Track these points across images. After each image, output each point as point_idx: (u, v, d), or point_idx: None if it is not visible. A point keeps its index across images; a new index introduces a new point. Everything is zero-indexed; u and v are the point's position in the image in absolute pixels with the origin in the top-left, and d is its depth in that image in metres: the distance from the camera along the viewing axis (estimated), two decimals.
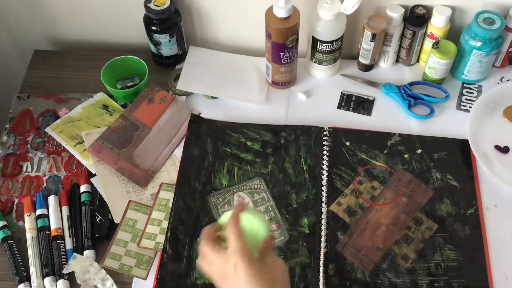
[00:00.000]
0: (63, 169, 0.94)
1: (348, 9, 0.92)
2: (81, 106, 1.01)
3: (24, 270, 0.83)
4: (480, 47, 0.95)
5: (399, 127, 0.97)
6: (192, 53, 1.08)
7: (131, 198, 0.90)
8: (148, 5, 0.98)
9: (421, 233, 0.84)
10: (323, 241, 0.84)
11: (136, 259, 0.84)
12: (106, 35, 1.13)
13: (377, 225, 0.85)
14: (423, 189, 0.89)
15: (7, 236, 0.86)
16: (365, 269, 0.81)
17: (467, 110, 0.99)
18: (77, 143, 0.96)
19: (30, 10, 1.09)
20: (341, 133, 0.95)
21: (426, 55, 1.03)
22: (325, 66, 1.02)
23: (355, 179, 0.90)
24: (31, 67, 1.10)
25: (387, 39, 1.01)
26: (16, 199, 0.91)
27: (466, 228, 0.85)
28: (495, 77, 1.04)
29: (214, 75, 1.05)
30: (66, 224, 0.87)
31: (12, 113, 1.02)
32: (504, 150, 0.94)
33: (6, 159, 0.96)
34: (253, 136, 0.96)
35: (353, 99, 1.02)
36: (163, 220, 0.87)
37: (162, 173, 0.93)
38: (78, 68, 1.09)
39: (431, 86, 1.02)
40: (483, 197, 0.88)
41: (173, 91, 1.03)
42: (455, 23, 1.00)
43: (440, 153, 0.93)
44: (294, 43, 0.95)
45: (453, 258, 0.82)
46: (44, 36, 1.15)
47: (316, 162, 0.92)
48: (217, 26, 1.08)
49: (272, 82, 1.03)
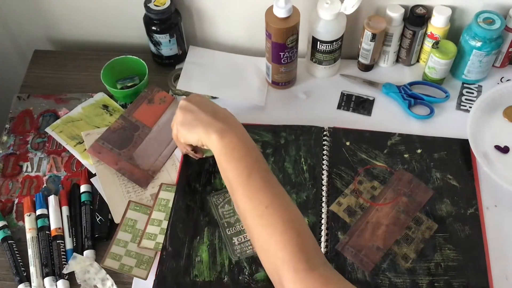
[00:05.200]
0: (63, 169, 0.94)
1: (348, 9, 0.92)
2: (81, 106, 1.02)
3: (24, 270, 0.83)
4: (480, 47, 0.95)
5: (399, 127, 0.97)
6: (192, 53, 1.08)
7: (131, 198, 0.90)
8: (148, 5, 0.98)
9: (421, 233, 0.85)
10: (323, 241, 0.84)
11: (136, 259, 0.84)
12: (106, 35, 1.13)
13: (377, 225, 0.85)
14: (423, 189, 0.89)
15: (7, 236, 0.86)
16: (365, 269, 0.81)
17: (467, 110, 0.99)
18: (77, 143, 0.96)
19: (30, 10, 1.09)
20: (341, 133, 0.95)
21: (426, 55, 1.03)
22: (325, 66, 1.02)
23: (355, 179, 0.90)
24: (31, 67, 1.10)
25: (387, 39, 1.01)
26: (16, 199, 0.91)
27: (466, 228, 0.85)
28: (495, 77, 1.04)
29: (214, 75, 1.05)
30: (66, 224, 0.87)
31: (12, 113, 1.02)
32: (504, 150, 0.94)
33: (6, 159, 0.96)
34: (253, 137, 0.95)
35: (353, 99, 1.02)
36: (163, 220, 0.87)
37: (162, 173, 0.93)
38: (78, 68, 1.09)
39: (431, 86, 1.02)
40: (483, 197, 0.88)
41: (173, 91, 1.03)
42: (455, 23, 1.00)
43: (440, 153, 0.93)
44: (294, 43, 0.95)
45: (453, 258, 0.82)
46: (44, 36, 1.15)
47: (316, 162, 0.92)
48: (217, 26, 1.08)
49: (272, 82, 1.03)
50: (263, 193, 0.70)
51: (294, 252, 0.64)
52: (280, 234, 0.66)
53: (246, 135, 0.77)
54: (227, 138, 0.75)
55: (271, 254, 0.66)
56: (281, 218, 0.68)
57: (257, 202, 0.70)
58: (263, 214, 0.69)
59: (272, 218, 0.68)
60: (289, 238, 0.66)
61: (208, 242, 0.84)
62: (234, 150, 0.74)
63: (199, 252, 0.83)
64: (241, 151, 0.74)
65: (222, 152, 0.75)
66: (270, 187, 0.71)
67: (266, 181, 0.72)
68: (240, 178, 0.72)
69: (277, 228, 0.67)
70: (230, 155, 0.74)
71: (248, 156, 0.74)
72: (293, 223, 0.68)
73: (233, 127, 0.77)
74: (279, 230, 0.67)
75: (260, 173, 0.72)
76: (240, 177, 0.72)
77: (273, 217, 0.68)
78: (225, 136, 0.75)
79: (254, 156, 0.74)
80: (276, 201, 0.69)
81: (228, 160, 0.74)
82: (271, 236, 0.67)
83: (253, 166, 0.73)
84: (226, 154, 0.75)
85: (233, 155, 0.74)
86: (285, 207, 0.69)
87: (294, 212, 0.70)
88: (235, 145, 0.75)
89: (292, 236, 0.66)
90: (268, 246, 0.67)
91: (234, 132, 0.76)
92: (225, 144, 0.75)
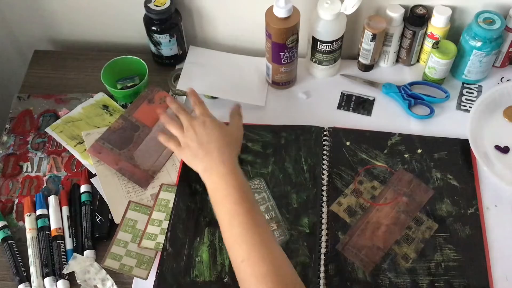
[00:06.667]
0: (63, 169, 0.94)
1: (348, 9, 0.92)
2: (81, 106, 1.01)
3: (24, 270, 0.83)
4: (480, 47, 0.95)
5: (399, 127, 0.97)
6: (192, 53, 1.08)
7: (131, 198, 0.90)
8: (148, 5, 0.98)
9: (421, 233, 0.85)
10: (323, 240, 0.84)
11: (136, 259, 0.83)
12: (106, 35, 1.13)
13: (377, 225, 0.85)
14: (423, 189, 0.89)
15: (7, 236, 0.86)
16: (366, 269, 0.81)
17: (467, 110, 0.99)
18: (77, 143, 0.96)
19: (30, 10, 1.09)
20: (341, 133, 0.95)
21: (426, 55, 1.03)
22: (325, 66, 1.02)
23: (355, 179, 0.90)
24: (31, 67, 1.10)
25: (387, 39, 1.01)
26: (16, 199, 0.91)
27: (466, 228, 0.85)
28: (495, 77, 1.04)
29: (214, 75, 1.05)
30: (66, 224, 0.87)
31: (12, 113, 1.02)
32: (504, 150, 0.94)
33: (6, 159, 0.96)
34: (253, 137, 0.96)
35: (353, 99, 1.02)
36: (164, 220, 0.87)
37: (162, 173, 0.93)
38: (78, 68, 1.09)
39: (431, 86, 1.02)
40: (483, 197, 0.88)
41: (173, 91, 1.03)
42: (455, 23, 1.00)
43: (440, 153, 0.93)
44: (294, 43, 0.95)
45: (454, 257, 0.82)
46: (44, 36, 1.15)
47: (317, 162, 0.92)
48: (217, 26, 1.08)
49: (272, 82, 1.03)
50: (240, 245, 0.68)
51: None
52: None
53: (232, 172, 0.75)
54: (210, 178, 0.75)
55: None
56: (255, 273, 0.66)
57: (234, 254, 0.69)
58: (239, 268, 0.68)
59: (245, 274, 0.67)
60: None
61: (208, 243, 0.84)
62: (216, 192, 0.74)
63: (200, 252, 0.83)
64: (223, 191, 0.73)
65: (208, 192, 0.75)
66: (248, 235, 0.69)
67: (246, 228, 0.69)
68: (222, 224, 0.72)
69: (251, 284, 0.66)
70: (213, 197, 0.74)
71: (229, 198, 0.72)
72: (268, 277, 0.65)
73: (218, 164, 0.75)
74: (253, 285, 0.66)
75: (240, 218, 0.70)
76: (222, 222, 0.72)
77: (246, 272, 0.67)
78: (208, 176, 0.75)
79: (236, 197, 0.72)
80: (252, 254, 0.67)
81: (212, 201, 0.75)
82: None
83: (234, 210, 0.71)
84: (210, 196, 0.75)
85: (215, 198, 0.74)
86: (262, 260, 0.66)
87: (270, 264, 0.67)
88: (216, 185, 0.74)
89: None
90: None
91: (216, 171, 0.75)
92: (208, 184, 0.75)
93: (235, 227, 0.70)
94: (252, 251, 0.67)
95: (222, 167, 0.75)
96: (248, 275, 0.66)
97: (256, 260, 0.67)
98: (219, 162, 0.76)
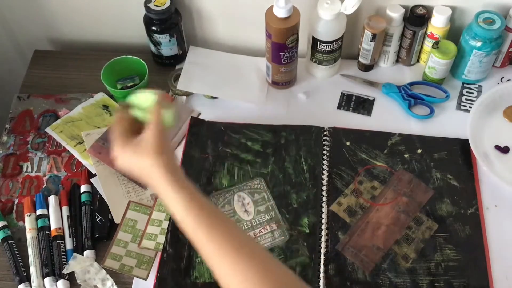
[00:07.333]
0: (63, 169, 0.94)
1: (348, 9, 0.92)
2: (81, 106, 1.01)
3: (24, 270, 0.83)
4: (480, 47, 0.95)
5: (399, 127, 0.97)
6: (192, 53, 1.08)
7: (131, 198, 0.90)
8: (148, 5, 0.98)
9: (421, 233, 0.85)
10: (323, 241, 0.84)
11: (136, 259, 0.83)
12: (106, 35, 1.13)
13: (377, 225, 0.85)
14: (423, 189, 0.89)
15: (7, 236, 0.86)
16: (366, 269, 0.81)
17: (467, 110, 0.99)
18: (77, 143, 0.96)
19: (30, 10, 1.09)
20: (341, 133, 0.95)
21: (426, 55, 1.03)
22: (325, 66, 1.02)
23: (355, 179, 0.90)
24: (31, 67, 1.10)
25: (387, 39, 1.01)
26: (16, 199, 0.91)
27: (466, 228, 0.85)
28: (495, 77, 1.04)
29: (214, 75, 1.05)
30: (66, 224, 0.87)
31: (12, 113, 1.02)
32: (504, 150, 0.94)
33: (6, 159, 0.96)
34: (253, 136, 0.96)
35: (353, 99, 1.02)
36: (164, 220, 0.87)
37: None
38: (78, 68, 1.09)
39: (431, 86, 1.02)
40: (483, 197, 0.88)
41: (173, 91, 1.03)
42: (455, 23, 1.00)
43: (440, 153, 0.93)
44: (294, 43, 0.95)
45: (454, 257, 0.82)
46: (44, 36, 1.15)
47: (316, 162, 0.92)
48: (217, 26, 1.08)
49: (272, 82, 1.03)
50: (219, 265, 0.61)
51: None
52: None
53: (167, 196, 0.64)
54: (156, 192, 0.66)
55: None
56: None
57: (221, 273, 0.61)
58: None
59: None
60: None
61: None
62: (174, 216, 0.65)
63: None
64: (176, 217, 0.64)
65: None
66: (221, 255, 0.60)
67: (215, 248, 0.61)
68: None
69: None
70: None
71: (183, 224, 0.63)
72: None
73: (156, 189, 0.66)
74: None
75: (203, 242, 0.62)
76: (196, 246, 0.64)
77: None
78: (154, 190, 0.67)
79: (187, 223, 0.63)
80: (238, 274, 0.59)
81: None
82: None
83: (195, 236, 0.63)
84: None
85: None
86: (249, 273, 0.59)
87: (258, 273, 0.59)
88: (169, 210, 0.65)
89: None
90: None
91: (161, 197, 0.66)
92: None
93: (206, 248, 0.62)
94: (235, 271, 0.59)
95: (160, 193, 0.65)
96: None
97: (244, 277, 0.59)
98: (154, 187, 0.66)
